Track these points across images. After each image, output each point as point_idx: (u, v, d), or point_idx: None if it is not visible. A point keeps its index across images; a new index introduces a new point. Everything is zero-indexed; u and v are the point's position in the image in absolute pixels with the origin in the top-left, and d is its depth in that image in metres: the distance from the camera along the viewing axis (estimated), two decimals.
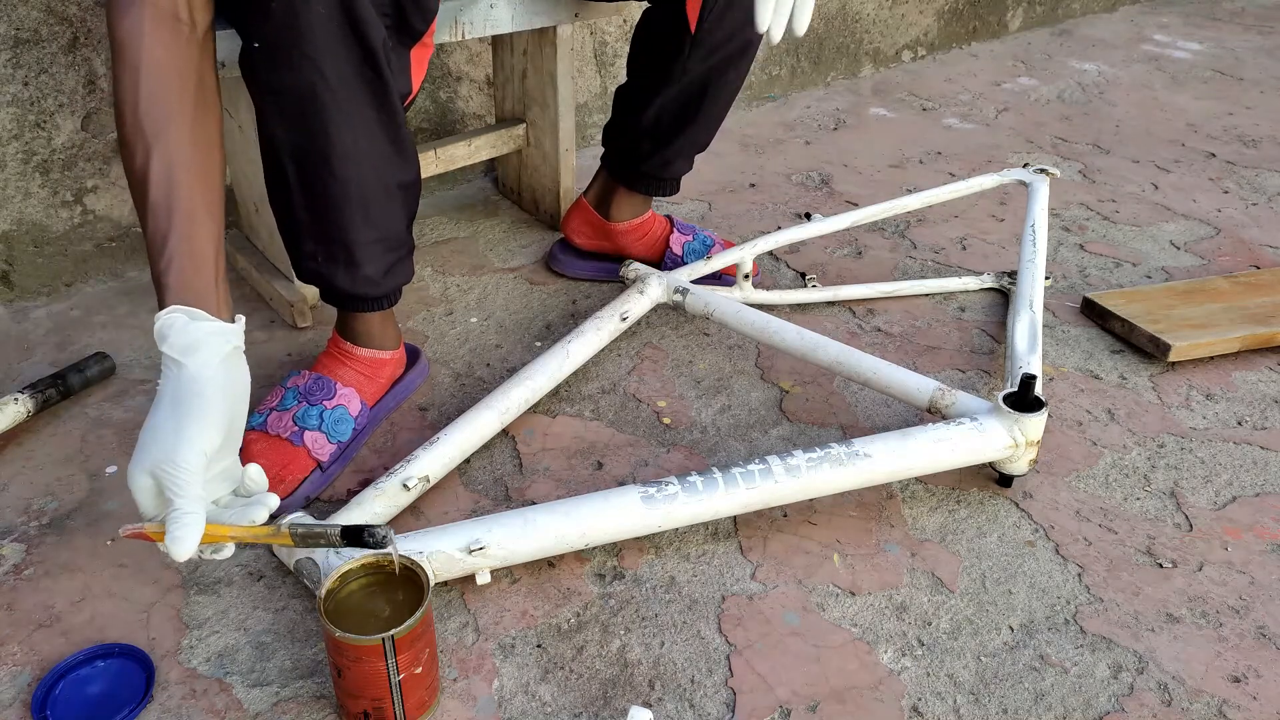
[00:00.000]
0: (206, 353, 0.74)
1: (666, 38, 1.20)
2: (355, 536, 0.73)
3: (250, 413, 0.99)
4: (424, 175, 1.45)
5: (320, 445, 1.02)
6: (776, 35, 1.01)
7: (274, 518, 0.93)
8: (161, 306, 0.76)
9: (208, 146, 0.80)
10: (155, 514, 0.72)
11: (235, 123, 1.26)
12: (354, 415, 1.06)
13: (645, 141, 1.30)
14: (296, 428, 1.01)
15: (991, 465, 1.04)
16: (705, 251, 1.38)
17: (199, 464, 0.71)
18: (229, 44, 1.02)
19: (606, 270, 1.43)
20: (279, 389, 1.07)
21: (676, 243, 1.40)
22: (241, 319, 0.79)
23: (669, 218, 1.42)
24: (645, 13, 1.25)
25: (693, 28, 1.16)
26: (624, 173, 1.35)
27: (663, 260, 1.41)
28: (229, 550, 0.76)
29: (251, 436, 1.01)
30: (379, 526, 0.73)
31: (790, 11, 0.99)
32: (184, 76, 0.79)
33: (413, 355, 1.20)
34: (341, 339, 1.10)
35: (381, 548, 0.74)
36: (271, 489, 0.97)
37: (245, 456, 0.99)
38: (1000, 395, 1.01)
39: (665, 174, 1.33)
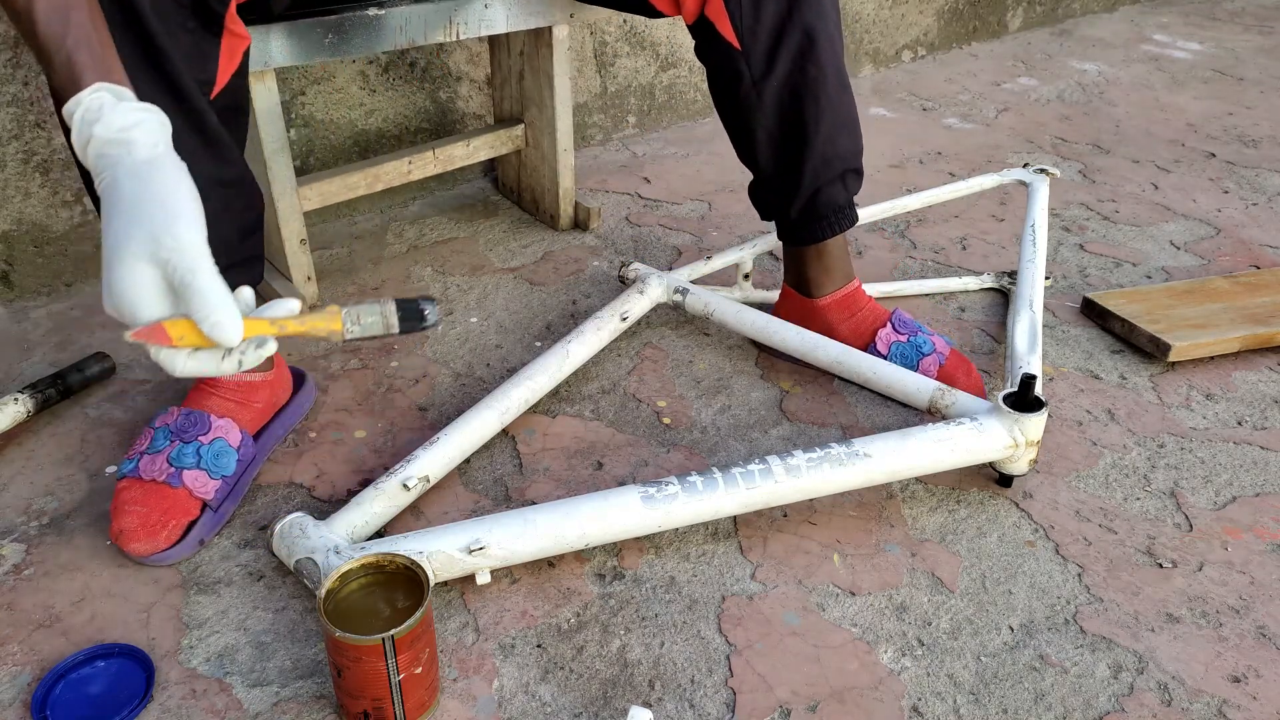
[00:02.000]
0: (150, 130, 0.65)
1: (722, 68, 1.11)
2: (410, 307, 0.71)
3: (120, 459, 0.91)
4: (423, 175, 1.46)
5: (203, 483, 0.94)
6: None
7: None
8: (75, 90, 0.65)
9: None
10: (160, 314, 0.62)
11: None
12: (235, 446, 0.99)
13: (777, 186, 1.17)
14: (173, 469, 0.94)
15: (991, 465, 1.04)
16: (916, 359, 1.17)
17: (204, 239, 0.61)
18: None
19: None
20: (147, 430, 0.98)
21: (884, 340, 1.19)
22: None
23: (893, 312, 1.21)
24: (696, 51, 1.14)
25: (736, 43, 1.07)
26: (784, 230, 1.20)
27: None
28: (271, 346, 0.67)
29: (123, 485, 0.94)
30: (428, 301, 0.72)
31: None
32: None
33: (298, 379, 1.14)
34: None
35: (430, 322, 0.71)
36: (153, 536, 0.91)
37: (117, 506, 0.93)
38: (1000, 395, 1.01)
39: (818, 209, 1.16)
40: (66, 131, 0.68)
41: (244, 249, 0.98)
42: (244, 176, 0.96)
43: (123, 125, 0.64)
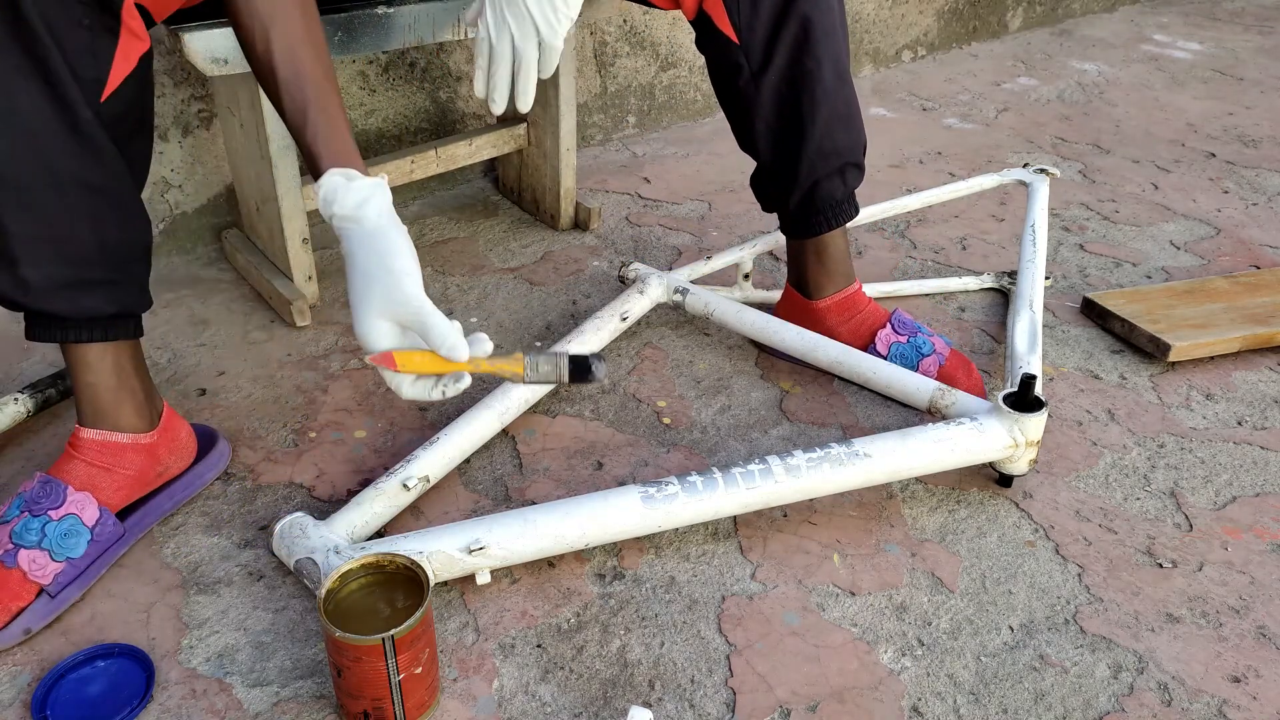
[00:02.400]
0: (375, 205, 0.79)
1: (721, 61, 1.11)
2: (581, 363, 0.82)
3: None
4: (425, 174, 1.46)
5: (40, 565, 0.85)
6: (497, 108, 1.02)
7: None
8: (318, 174, 0.81)
9: (314, 21, 0.84)
10: (392, 346, 0.79)
11: (236, 121, 1.26)
12: (89, 525, 0.89)
13: (776, 178, 1.17)
14: (12, 546, 0.85)
15: (991, 465, 1.04)
16: (916, 360, 1.17)
17: (421, 287, 0.77)
18: None
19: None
20: (11, 496, 0.94)
21: (883, 340, 1.18)
22: (384, 176, 0.84)
23: (893, 312, 1.21)
24: (697, 43, 1.13)
25: (734, 36, 1.07)
26: (785, 224, 1.20)
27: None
28: (466, 381, 0.81)
29: None
30: (596, 359, 0.82)
31: (509, 84, 1.00)
32: None
33: (207, 441, 1.03)
34: (78, 424, 0.93)
35: (597, 379, 0.82)
36: None
37: None
38: (1000, 395, 1.01)
39: (815, 203, 1.15)
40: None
41: (106, 267, 0.89)
42: (118, 187, 0.88)
43: (355, 203, 0.79)
